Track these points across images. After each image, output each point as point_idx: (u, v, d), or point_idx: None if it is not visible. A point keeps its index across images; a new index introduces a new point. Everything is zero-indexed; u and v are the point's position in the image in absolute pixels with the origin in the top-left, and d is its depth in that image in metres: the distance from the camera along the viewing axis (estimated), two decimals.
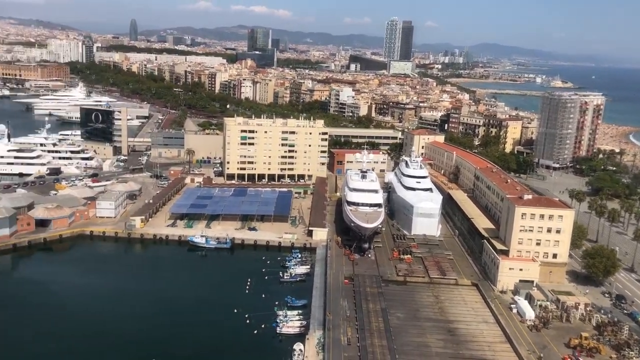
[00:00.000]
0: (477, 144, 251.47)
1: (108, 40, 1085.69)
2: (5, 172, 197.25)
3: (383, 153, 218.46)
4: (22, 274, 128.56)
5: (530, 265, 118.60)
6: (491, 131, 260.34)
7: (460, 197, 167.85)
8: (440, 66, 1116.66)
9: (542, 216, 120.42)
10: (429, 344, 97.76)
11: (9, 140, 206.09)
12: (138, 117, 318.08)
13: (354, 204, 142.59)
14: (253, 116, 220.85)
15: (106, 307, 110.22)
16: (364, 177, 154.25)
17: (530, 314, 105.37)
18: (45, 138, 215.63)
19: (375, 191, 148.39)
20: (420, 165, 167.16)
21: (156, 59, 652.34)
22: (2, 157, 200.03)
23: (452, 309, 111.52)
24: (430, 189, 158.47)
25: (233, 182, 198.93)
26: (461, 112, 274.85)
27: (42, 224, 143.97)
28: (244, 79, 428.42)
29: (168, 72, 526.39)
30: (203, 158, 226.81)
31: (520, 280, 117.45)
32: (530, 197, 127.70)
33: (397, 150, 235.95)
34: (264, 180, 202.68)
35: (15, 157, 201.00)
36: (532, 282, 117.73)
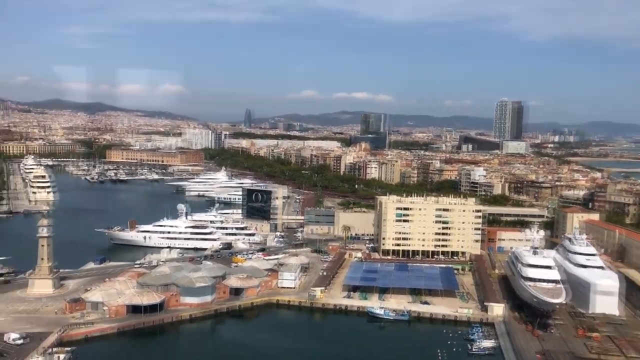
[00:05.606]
0: (628, 222, 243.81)
1: (226, 128, 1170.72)
2: (183, 246, 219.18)
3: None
4: (229, 336, 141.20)
5: None
6: None
7: (635, 275, 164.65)
8: (552, 145, 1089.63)
9: None
10: None
11: (186, 218, 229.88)
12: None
13: (531, 279, 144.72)
14: (404, 194, 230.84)
15: None
16: (535, 253, 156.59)
17: None
18: (215, 216, 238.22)
19: (551, 267, 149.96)
20: (586, 243, 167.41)
21: (277, 145, 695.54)
22: (181, 232, 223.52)
23: None
24: (602, 267, 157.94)
25: (390, 257, 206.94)
26: (607, 190, 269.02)
27: (235, 292, 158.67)
28: (369, 161, 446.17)
29: (294, 155, 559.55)
30: (352, 234, 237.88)
31: None
32: None
33: (549, 229, 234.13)
34: (417, 256, 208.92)
35: (192, 233, 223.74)
36: None
